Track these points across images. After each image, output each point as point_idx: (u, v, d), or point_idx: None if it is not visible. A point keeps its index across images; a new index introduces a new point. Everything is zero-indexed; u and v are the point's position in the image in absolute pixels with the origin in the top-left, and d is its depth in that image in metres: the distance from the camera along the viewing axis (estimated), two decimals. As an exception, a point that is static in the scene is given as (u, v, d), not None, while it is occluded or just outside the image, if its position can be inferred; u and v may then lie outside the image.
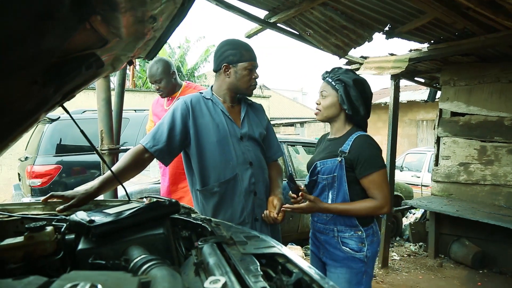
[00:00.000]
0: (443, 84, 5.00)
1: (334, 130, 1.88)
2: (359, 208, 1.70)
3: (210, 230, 1.14)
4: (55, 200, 1.38)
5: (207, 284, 0.71)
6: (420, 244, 5.16)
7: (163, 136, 1.71)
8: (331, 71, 1.84)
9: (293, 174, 1.81)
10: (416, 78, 5.51)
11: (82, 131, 1.31)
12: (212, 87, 1.91)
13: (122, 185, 1.45)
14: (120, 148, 2.58)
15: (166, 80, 2.67)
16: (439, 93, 5.36)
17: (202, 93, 1.89)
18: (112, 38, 0.95)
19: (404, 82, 4.65)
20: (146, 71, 16.68)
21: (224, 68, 1.79)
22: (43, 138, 4.96)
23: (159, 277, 0.76)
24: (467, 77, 4.76)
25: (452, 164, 4.84)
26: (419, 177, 8.92)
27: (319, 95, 1.85)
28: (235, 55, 1.77)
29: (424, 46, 3.99)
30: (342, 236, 1.75)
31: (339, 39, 3.73)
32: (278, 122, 17.15)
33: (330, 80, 1.80)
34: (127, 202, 1.28)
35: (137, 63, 13.80)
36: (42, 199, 1.36)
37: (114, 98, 2.47)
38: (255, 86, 1.87)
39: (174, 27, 1.11)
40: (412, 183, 8.29)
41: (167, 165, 1.79)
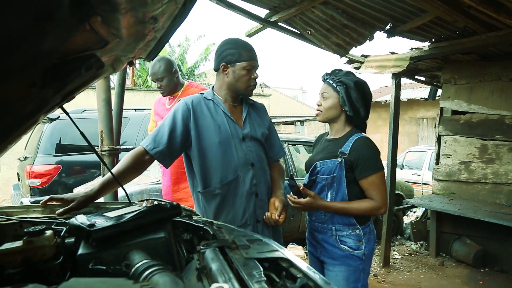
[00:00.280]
0: (444, 83, 4.99)
1: (334, 131, 1.90)
2: (357, 207, 1.73)
3: (212, 233, 1.12)
4: (54, 203, 1.36)
5: (210, 291, 0.69)
6: (421, 242, 5.15)
7: (164, 138, 1.69)
8: (332, 73, 1.86)
9: (293, 175, 1.80)
10: (416, 77, 5.49)
11: (82, 133, 1.29)
12: (213, 87, 1.89)
13: (122, 187, 1.43)
14: (120, 148, 2.55)
15: (168, 79, 2.67)
16: (439, 91, 5.34)
17: (203, 93, 1.86)
18: (112, 39, 0.94)
19: (404, 80, 4.63)
20: (146, 70, 16.62)
21: (223, 68, 1.78)
22: (42, 137, 4.93)
23: (161, 284, 0.75)
24: (468, 75, 4.74)
25: (453, 163, 4.83)
26: (419, 175, 8.90)
27: (320, 97, 1.86)
28: (234, 55, 1.74)
29: (425, 45, 3.98)
30: (340, 234, 1.77)
31: (340, 38, 3.72)
32: (278, 120, 17.12)
33: (331, 82, 1.82)
34: (128, 205, 1.27)
35: (137, 62, 13.76)
36: (41, 202, 1.34)
37: (114, 98, 2.44)
38: (254, 87, 1.84)
39: (175, 27, 1.09)
40: (413, 181, 8.28)
41: (167, 167, 1.77)
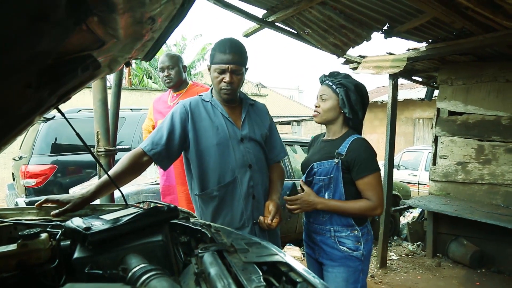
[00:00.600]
0: (440, 83, 5.00)
1: (331, 132, 1.89)
2: (353, 206, 1.73)
3: (210, 236, 1.11)
4: (49, 204, 1.34)
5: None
6: (418, 243, 5.15)
7: (162, 140, 1.69)
8: (330, 75, 1.86)
9: (296, 184, 1.78)
10: (413, 77, 5.49)
11: (78, 135, 1.27)
12: (212, 88, 1.88)
13: (119, 189, 1.42)
14: (117, 148, 2.53)
15: (177, 69, 2.76)
16: (436, 92, 5.35)
17: (202, 95, 1.85)
18: (109, 39, 0.92)
19: (400, 81, 4.64)
20: (142, 69, 16.48)
21: (208, 68, 1.79)
22: (38, 137, 4.87)
23: (159, 289, 0.74)
24: (464, 76, 4.75)
25: (450, 163, 4.84)
26: (416, 175, 8.92)
27: (318, 98, 1.86)
28: (210, 56, 1.74)
29: (422, 45, 3.98)
30: (338, 236, 1.76)
31: (337, 38, 3.71)
32: (274, 120, 17.10)
33: (331, 84, 1.82)
34: (125, 207, 1.25)
35: (133, 61, 13.69)
36: (37, 204, 1.32)
37: (110, 98, 2.42)
38: (228, 91, 1.72)
39: (173, 28, 1.08)
40: (409, 181, 8.30)
41: (165, 169, 1.75)
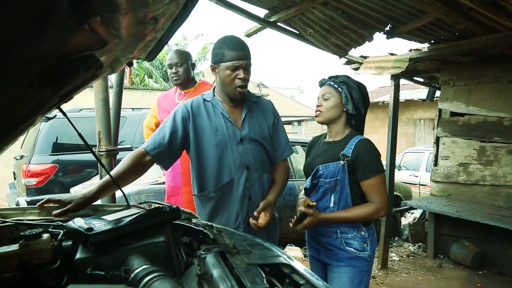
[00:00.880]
0: (442, 84, 4.99)
1: (333, 133, 1.88)
2: (358, 214, 1.71)
3: (212, 237, 1.11)
4: (51, 204, 1.33)
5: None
6: (419, 244, 5.15)
7: (165, 140, 1.69)
8: (331, 77, 1.87)
9: (303, 214, 1.74)
10: (415, 78, 5.49)
11: (80, 135, 1.27)
12: (214, 87, 1.87)
13: (121, 189, 1.41)
14: (118, 148, 2.52)
15: (185, 67, 2.72)
16: (438, 92, 5.34)
17: (204, 95, 1.84)
18: (111, 39, 0.92)
19: (401, 81, 4.63)
20: (143, 69, 16.43)
21: (212, 68, 1.76)
22: (39, 136, 4.88)
23: (162, 291, 0.73)
24: (466, 77, 4.74)
25: (452, 165, 4.83)
26: (417, 176, 8.90)
27: (320, 98, 1.85)
28: (218, 55, 1.71)
29: (424, 46, 3.97)
30: (345, 237, 1.75)
31: (339, 38, 3.70)
32: (275, 120, 17.07)
33: (333, 84, 1.82)
34: (126, 208, 1.25)
35: (134, 61, 13.67)
36: (38, 204, 1.32)
37: (112, 97, 2.42)
38: (244, 87, 1.73)
39: (176, 28, 1.07)
40: (410, 182, 8.28)
41: (166, 168, 1.76)
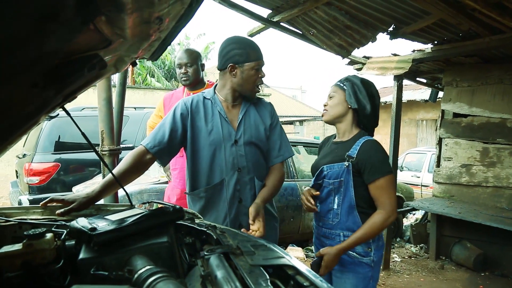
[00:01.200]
0: (445, 85, 4.97)
1: (341, 133, 1.84)
2: (371, 229, 1.63)
3: (215, 237, 1.10)
4: (54, 204, 1.33)
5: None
6: (421, 245, 5.13)
7: (165, 138, 1.69)
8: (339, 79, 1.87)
9: (318, 259, 1.70)
10: (418, 79, 5.46)
11: (84, 134, 1.27)
12: (215, 85, 1.86)
13: (124, 189, 1.41)
14: (121, 147, 2.52)
15: (195, 68, 2.68)
16: (441, 93, 5.32)
17: (204, 92, 1.84)
18: (116, 39, 0.92)
19: (404, 82, 4.61)
20: (145, 68, 16.38)
21: (230, 68, 1.73)
22: (41, 135, 4.89)
23: (166, 292, 0.73)
24: (470, 78, 4.72)
25: (454, 166, 4.81)
26: (419, 177, 8.89)
27: (327, 99, 1.84)
28: (242, 55, 1.70)
29: (428, 47, 3.95)
30: None
31: (342, 39, 3.69)
32: (277, 120, 17.07)
33: (338, 83, 1.82)
34: (129, 208, 1.25)
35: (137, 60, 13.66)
36: (41, 203, 1.32)
37: (115, 97, 2.42)
38: (259, 86, 1.81)
39: (180, 28, 1.07)
40: (412, 183, 8.26)
41: (164, 165, 1.77)
